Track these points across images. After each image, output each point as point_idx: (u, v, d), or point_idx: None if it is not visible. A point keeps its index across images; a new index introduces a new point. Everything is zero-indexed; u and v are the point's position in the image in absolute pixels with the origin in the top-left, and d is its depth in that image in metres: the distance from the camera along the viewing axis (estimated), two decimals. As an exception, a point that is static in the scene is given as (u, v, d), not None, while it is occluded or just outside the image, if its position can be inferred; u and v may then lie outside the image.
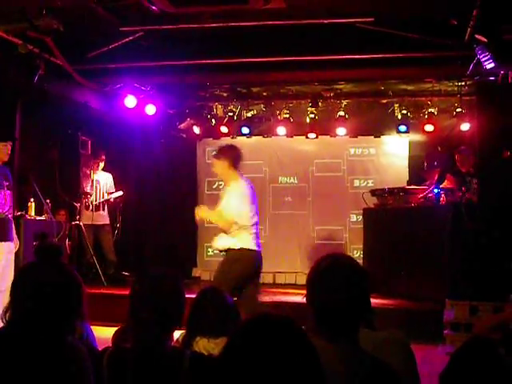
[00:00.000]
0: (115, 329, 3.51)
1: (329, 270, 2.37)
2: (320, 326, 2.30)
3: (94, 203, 10.23)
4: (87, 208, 10.26)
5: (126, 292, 2.86)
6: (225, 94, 10.91)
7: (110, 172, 10.60)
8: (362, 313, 2.36)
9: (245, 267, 6.33)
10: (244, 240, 6.32)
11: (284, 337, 1.61)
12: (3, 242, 7.01)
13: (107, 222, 10.50)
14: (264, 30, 7.79)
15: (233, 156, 6.57)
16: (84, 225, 10.09)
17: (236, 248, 6.33)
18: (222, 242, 6.42)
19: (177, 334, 3.28)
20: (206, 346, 3.29)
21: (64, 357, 2.32)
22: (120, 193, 10.46)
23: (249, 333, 1.62)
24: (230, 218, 6.30)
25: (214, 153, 6.78)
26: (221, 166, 6.58)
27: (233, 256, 6.35)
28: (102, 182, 10.43)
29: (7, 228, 7.11)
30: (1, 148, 7.12)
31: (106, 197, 10.37)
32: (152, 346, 2.63)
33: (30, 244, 7.78)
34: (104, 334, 4.15)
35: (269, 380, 1.53)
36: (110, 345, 3.07)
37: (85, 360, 2.38)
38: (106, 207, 10.47)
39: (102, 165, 10.47)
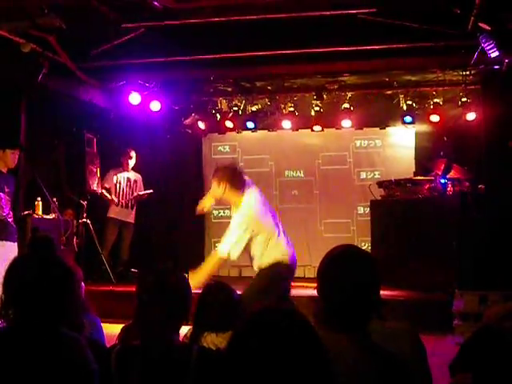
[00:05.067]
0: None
1: (338, 261, 2.36)
2: (330, 318, 2.29)
3: (121, 200, 10.28)
4: (116, 204, 10.30)
5: (135, 289, 2.85)
6: (229, 89, 10.90)
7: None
8: (373, 304, 2.35)
9: None
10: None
11: (287, 327, 1.60)
12: (4, 242, 7.08)
13: (132, 220, 10.54)
14: (266, 24, 7.76)
15: (229, 176, 5.72)
16: (111, 218, 10.27)
17: None
18: None
19: (184, 330, 3.28)
20: (214, 340, 3.29)
21: (58, 347, 2.33)
22: (149, 191, 10.53)
23: (252, 325, 1.62)
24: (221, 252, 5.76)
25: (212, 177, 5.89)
26: (218, 191, 5.74)
27: None
28: (131, 180, 10.45)
29: (7, 228, 7.17)
30: (8, 155, 7.22)
31: (136, 194, 10.41)
32: (159, 342, 2.63)
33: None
34: (114, 330, 4.16)
35: (275, 371, 1.52)
36: (116, 341, 3.07)
37: (81, 349, 2.39)
38: (134, 206, 10.50)
39: (131, 162, 10.45)
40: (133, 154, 10.41)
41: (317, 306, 2.37)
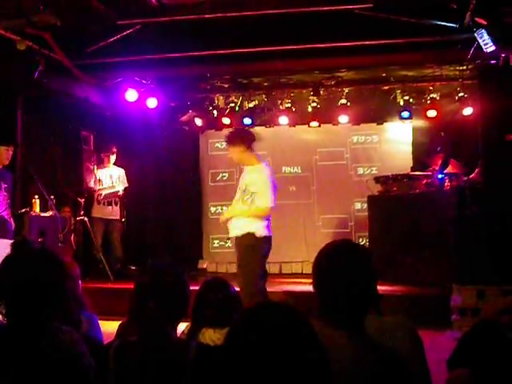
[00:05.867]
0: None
1: (333, 255, 2.35)
2: (326, 313, 2.29)
3: (103, 195, 10.20)
4: (99, 202, 10.24)
5: (133, 286, 2.85)
6: (226, 85, 10.88)
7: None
8: (369, 298, 2.34)
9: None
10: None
11: (284, 323, 1.60)
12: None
13: (118, 217, 10.43)
14: (263, 20, 7.75)
15: (246, 139, 6.61)
16: (95, 218, 10.14)
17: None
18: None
19: (182, 326, 3.28)
20: (212, 336, 3.29)
21: (50, 341, 2.34)
22: (115, 189, 10.40)
23: (249, 321, 1.61)
24: (266, 206, 6.38)
25: (226, 139, 6.74)
26: (236, 152, 6.61)
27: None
28: (114, 177, 10.39)
29: (4, 226, 7.18)
30: (2, 152, 7.25)
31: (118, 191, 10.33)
32: (157, 338, 2.63)
33: (35, 240, 7.79)
34: (111, 328, 4.15)
35: (271, 367, 1.52)
36: (114, 338, 3.07)
37: (75, 343, 2.38)
38: (118, 202, 10.44)
39: (113, 158, 10.37)
40: (115, 149, 10.36)
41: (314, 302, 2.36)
